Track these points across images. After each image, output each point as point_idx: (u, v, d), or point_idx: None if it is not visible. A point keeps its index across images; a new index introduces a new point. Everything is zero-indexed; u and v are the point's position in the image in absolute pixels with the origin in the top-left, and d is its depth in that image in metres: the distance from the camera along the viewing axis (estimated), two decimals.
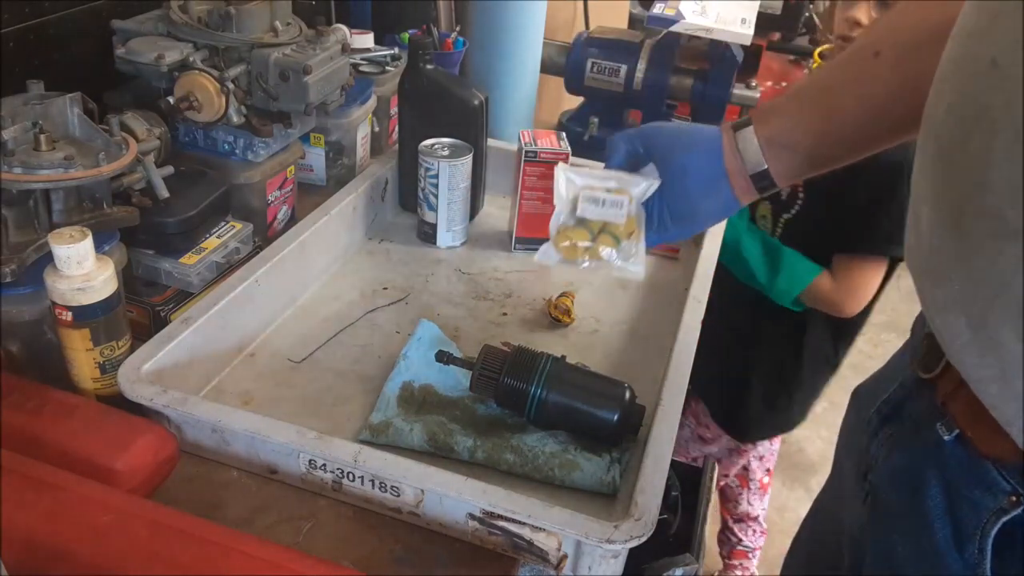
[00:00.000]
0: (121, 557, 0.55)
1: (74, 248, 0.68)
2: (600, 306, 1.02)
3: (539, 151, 1.04)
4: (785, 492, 2.16)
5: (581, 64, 1.47)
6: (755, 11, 1.43)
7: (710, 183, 0.72)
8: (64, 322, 0.71)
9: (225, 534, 0.58)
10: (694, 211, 0.73)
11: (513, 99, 1.40)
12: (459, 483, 0.65)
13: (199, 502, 0.70)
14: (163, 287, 0.91)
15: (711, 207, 0.73)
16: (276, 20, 0.99)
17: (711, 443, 1.59)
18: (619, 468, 0.74)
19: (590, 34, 1.50)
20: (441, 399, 0.81)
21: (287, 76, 0.95)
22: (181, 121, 0.98)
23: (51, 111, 0.79)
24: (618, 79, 1.44)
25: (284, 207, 1.10)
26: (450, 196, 1.07)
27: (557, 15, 2.01)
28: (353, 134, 1.21)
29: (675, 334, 0.87)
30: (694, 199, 0.72)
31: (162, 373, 0.75)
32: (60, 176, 0.75)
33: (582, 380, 0.79)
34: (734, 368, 1.42)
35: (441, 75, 1.10)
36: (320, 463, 0.70)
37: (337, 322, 0.94)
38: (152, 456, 0.66)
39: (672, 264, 1.12)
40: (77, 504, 0.58)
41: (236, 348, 0.87)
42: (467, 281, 1.05)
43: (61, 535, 0.56)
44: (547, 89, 1.62)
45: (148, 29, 0.96)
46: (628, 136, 0.75)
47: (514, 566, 0.67)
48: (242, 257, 0.96)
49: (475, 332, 0.95)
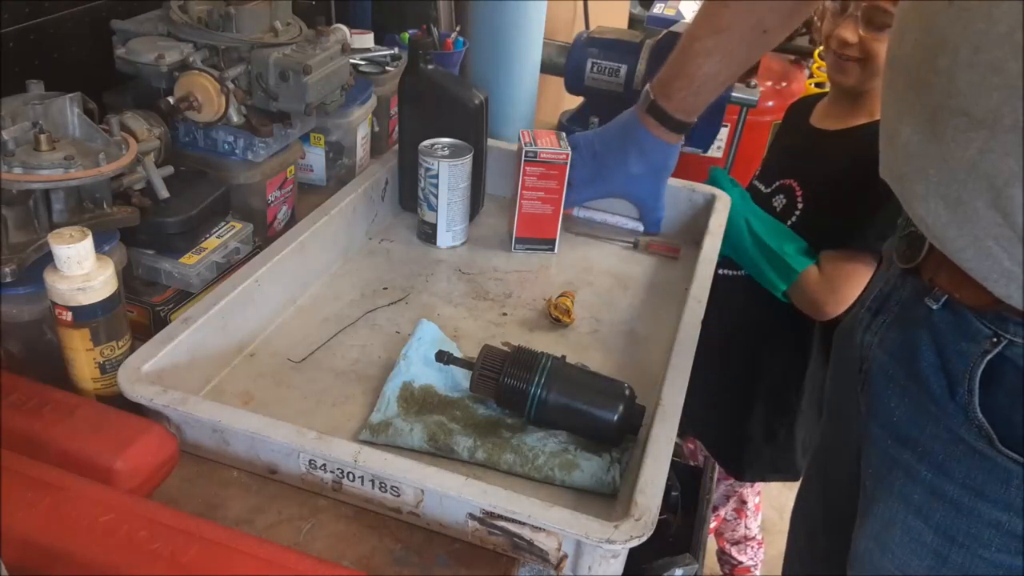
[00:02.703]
0: (121, 557, 0.55)
1: (74, 248, 0.68)
2: (600, 306, 1.02)
3: (539, 151, 1.04)
4: (786, 492, 2.16)
5: (581, 64, 1.46)
6: None
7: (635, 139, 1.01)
8: (64, 322, 0.71)
9: (225, 534, 0.58)
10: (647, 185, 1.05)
11: (513, 99, 1.40)
12: (459, 483, 0.65)
13: (199, 502, 0.70)
14: (163, 287, 0.91)
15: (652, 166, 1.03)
16: (276, 20, 0.99)
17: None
18: (619, 468, 0.74)
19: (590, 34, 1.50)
20: (441, 399, 0.81)
21: (287, 76, 0.95)
22: (181, 121, 0.98)
23: (51, 111, 0.79)
24: (618, 79, 1.44)
25: (284, 207, 1.10)
26: (450, 196, 1.07)
27: (557, 15, 2.01)
28: (353, 134, 1.21)
29: (675, 334, 0.87)
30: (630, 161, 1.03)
31: (162, 373, 0.75)
32: (60, 176, 0.75)
33: (582, 380, 0.79)
34: (733, 402, 1.39)
35: (441, 75, 1.10)
36: (320, 463, 0.70)
37: (337, 322, 0.94)
38: (152, 456, 0.66)
39: (672, 264, 1.12)
40: (77, 504, 0.58)
41: (236, 348, 0.87)
42: (467, 281, 1.05)
43: (61, 535, 0.56)
44: (547, 89, 1.62)
45: (148, 29, 0.96)
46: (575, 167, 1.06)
47: (514, 566, 0.67)
48: (242, 257, 0.96)
49: (475, 332, 0.95)
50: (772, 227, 1.22)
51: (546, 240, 1.11)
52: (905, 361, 0.73)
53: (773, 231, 1.21)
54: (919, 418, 0.71)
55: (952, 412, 0.68)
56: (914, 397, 0.72)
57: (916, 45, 0.61)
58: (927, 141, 0.61)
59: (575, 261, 1.11)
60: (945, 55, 0.57)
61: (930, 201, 0.62)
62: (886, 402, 0.75)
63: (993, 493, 0.67)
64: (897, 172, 0.66)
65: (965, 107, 0.56)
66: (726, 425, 1.43)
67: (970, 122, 0.56)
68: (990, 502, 0.67)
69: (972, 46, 0.55)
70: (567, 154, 1.05)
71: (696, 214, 1.18)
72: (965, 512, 0.69)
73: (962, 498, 0.69)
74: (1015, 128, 0.53)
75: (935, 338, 0.69)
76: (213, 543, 0.57)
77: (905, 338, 0.73)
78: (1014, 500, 0.66)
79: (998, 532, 0.67)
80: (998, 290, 0.61)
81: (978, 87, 0.55)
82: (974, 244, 0.60)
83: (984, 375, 0.65)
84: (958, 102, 0.57)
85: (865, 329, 0.79)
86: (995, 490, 0.66)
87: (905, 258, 0.74)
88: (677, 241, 1.15)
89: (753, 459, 1.42)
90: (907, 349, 0.72)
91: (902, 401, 0.73)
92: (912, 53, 0.62)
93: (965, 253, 0.61)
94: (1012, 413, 0.64)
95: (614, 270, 1.10)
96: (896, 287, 0.77)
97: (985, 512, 0.68)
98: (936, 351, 0.69)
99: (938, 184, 0.60)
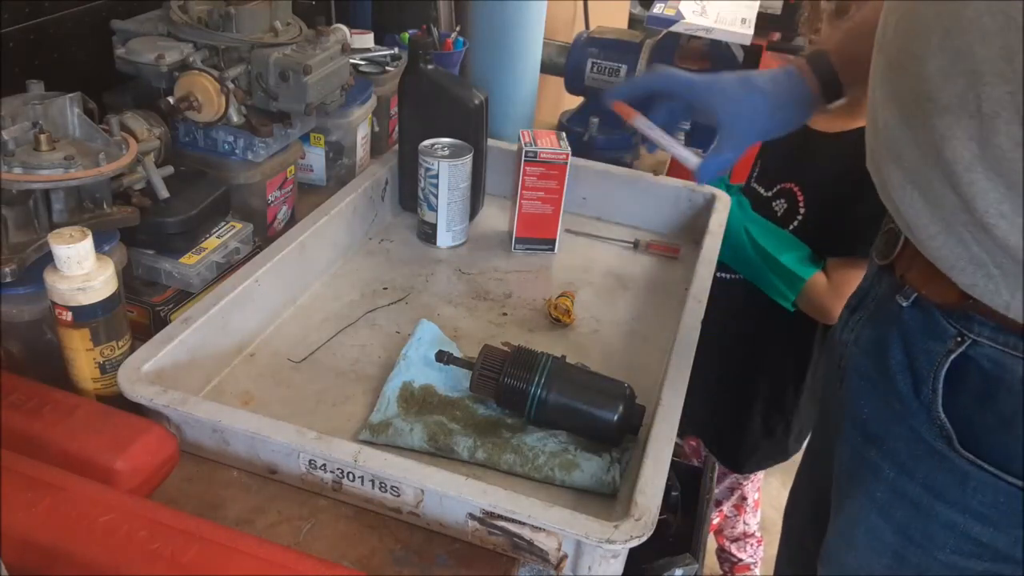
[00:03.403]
0: (121, 557, 0.55)
1: (74, 248, 0.68)
2: (600, 306, 1.02)
3: (539, 151, 1.04)
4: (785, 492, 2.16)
5: (581, 64, 1.47)
6: (755, 11, 1.43)
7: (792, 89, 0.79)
8: (64, 322, 0.71)
9: (225, 534, 0.58)
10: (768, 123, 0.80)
11: (513, 99, 1.40)
12: (459, 483, 0.65)
13: (199, 502, 0.70)
14: (163, 287, 0.91)
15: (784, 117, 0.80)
16: (276, 20, 0.99)
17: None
18: (619, 468, 0.74)
19: (590, 34, 1.50)
20: (441, 399, 0.81)
21: (287, 76, 0.95)
22: (181, 121, 0.98)
23: (51, 111, 0.79)
24: (618, 79, 1.44)
25: (284, 207, 1.10)
26: (450, 196, 1.07)
27: (557, 15, 2.01)
28: (353, 134, 1.21)
29: (675, 334, 0.87)
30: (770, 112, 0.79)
31: (162, 373, 0.75)
32: (60, 176, 0.75)
33: (582, 380, 0.79)
34: (732, 400, 1.40)
35: (441, 75, 1.10)
36: (320, 463, 0.70)
37: (337, 322, 0.94)
38: (152, 456, 0.66)
39: (672, 264, 1.12)
40: (77, 504, 0.58)
41: (236, 348, 0.87)
42: (467, 281, 1.05)
43: (61, 535, 0.56)
44: (547, 89, 1.62)
45: (148, 29, 0.96)
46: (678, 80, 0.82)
47: (514, 566, 0.67)
48: (242, 257, 0.96)
49: (475, 332, 0.95)
50: (773, 235, 1.22)
51: (546, 240, 1.11)
52: (876, 359, 0.72)
53: (774, 239, 1.21)
54: (886, 417, 0.71)
55: (916, 411, 0.67)
56: (882, 395, 0.71)
57: (896, 29, 0.61)
58: (902, 126, 0.61)
59: (575, 261, 1.11)
60: (917, 39, 0.58)
61: (905, 187, 0.62)
62: (857, 400, 0.75)
63: (950, 495, 0.66)
64: (877, 157, 0.67)
65: (933, 92, 0.56)
66: (725, 422, 1.44)
67: (936, 107, 0.56)
68: (947, 503, 0.67)
69: (943, 31, 0.55)
70: (567, 154, 1.05)
71: (696, 214, 1.18)
72: (924, 512, 0.68)
73: (921, 498, 0.68)
74: (978, 114, 0.54)
75: (904, 336, 0.69)
76: (213, 543, 0.57)
77: (878, 335, 0.73)
78: (970, 503, 0.65)
79: (953, 534, 0.67)
80: (963, 279, 0.60)
81: (946, 72, 0.55)
82: (946, 230, 0.60)
83: (948, 375, 0.65)
84: (927, 87, 0.57)
85: (844, 326, 0.80)
86: (952, 492, 0.66)
87: (882, 254, 0.74)
88: (677, 241, 1.15)
89: (750, 453, 1.44)
90: (879, 347, 0.72)
91: (871, 399, 0.73)
92: (892, 38, 0.62)
93: (936, 240, 0.61)
94: (973, 414, 0.64)
95: (614, 270, 1.10)
96: (873, 284, 0.77)
97: (942, 513, 0.67)
98: (904, 349, 0.69)
99: (910, 169, 0.61)
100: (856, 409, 0.75)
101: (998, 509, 0.64)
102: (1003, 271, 0.58)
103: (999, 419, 0.63)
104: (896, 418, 0.70)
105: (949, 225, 0.59)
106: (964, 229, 0.58)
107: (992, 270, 0.58)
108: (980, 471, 0.64)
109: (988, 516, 0.65)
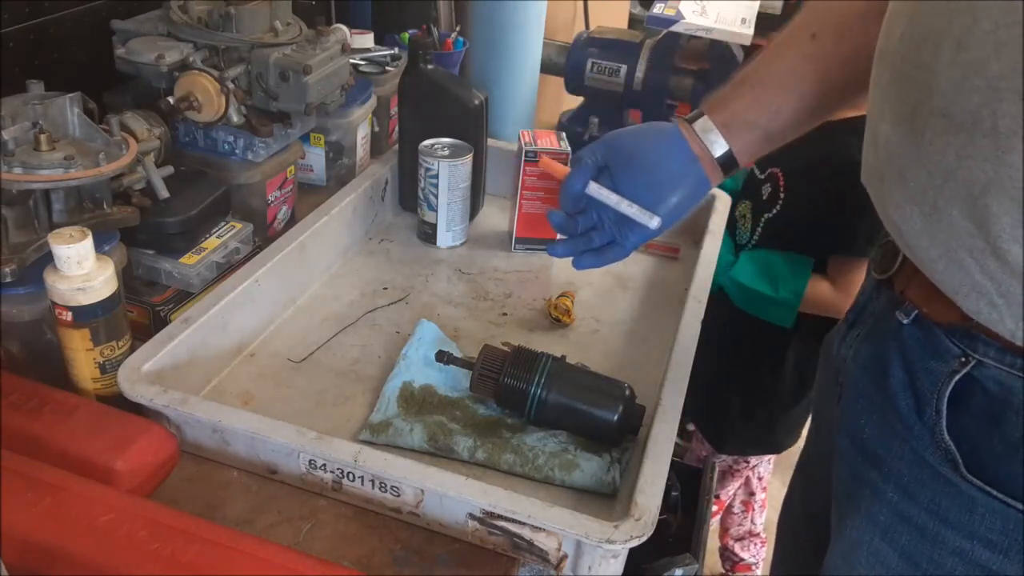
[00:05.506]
0: (121, 557, 0.55)
1: (74, 248, 0.68)
2: (600, 306, 1.02)
3: (539, 151, 1.04)
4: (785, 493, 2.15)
5: (581, 64, 1.47)
6: (755, 11, 1.43)
7: (682, 169, 0.76)
8: (64, 322, 0.71)
9: (225, 534, 0.58)
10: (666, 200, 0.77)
11: (513, 99, 1.40)
12: (459, 483, 0.65)
13: (199, 502, 0.70)
14: (163, 287, 0.91)
15: (685, 192, 0.77)
16: (276, 20, 0.99)
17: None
18: (619, 468, 0.74)
19: (590, 34, 1.50)
20: (441, 399, 0.81)
21: (287, 76, 0.95)
22: (181, 121, 0.98)
23: (51, 111, 0.79)
24: (618, 79, 1.45)
25: (284, 207, 1.10)
26: (450, 196, 1.07)
27: (557, 15, 2.01)
28: (353, 134, 1.21)
29: (675, 334, 0.87)
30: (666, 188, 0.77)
31: (162, 373, 0.75)
32: (60, 176, 0.75)
33: (582, 380, 0.79)
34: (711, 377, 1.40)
35: (441, 75, 1.10)
36: (320, 463, 0.70)
37: (337, 322, 0.94)
38: (152, 456, 0.66)
39: (672, 264, 1.12)
40: (77, 504, 0.58)
41: (236, 348, 0.87)
42: (467, 281, 1.05)
43: (61, 535, 0.56)
44: (547, 89, 1.62)
45: (148, 29, 0.96)
46: (590, 149, 0.79)
47: (514, 566, 0.67)
48: (242, 257, 0.96)
49: (475, 332, 0.95)
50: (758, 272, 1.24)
51: (546, 240, 1.11)
52: (875, 377, 0.69)
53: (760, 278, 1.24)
54: (887, 437, 0.68)
55: (919, 433, 0.65)
56: (883, 415, 0.68)
57: (902, 38, 0.58)
58: (906, 142, 0.57)
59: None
60: (928, 50, 0.54)
61: (905, 207, 0.59)
62: (856, 418, 0.72)
63: (957, 521, 0.63)
64: (875, 174, 0.63)
65: (945, 107, 0.53)
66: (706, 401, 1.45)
67: (949, 124, 0.53)
68: (954, 529, 0.64)
69: (955, 42, 0.52)
70: (567, 154, 1.05)
71: (696, 214, 1.17)
72: (930, 538, 0.66)
73: (927, 523, 0.65)
74: (993, 133, 0.50)
75: (904, 354, 0.66)
76: (213, 543, 0.57)
77: (876, 352, 0.70)
78: (978, 529, 0.62)
79: (961, 561, 0.64)
80: (967, 305, 0.57)
81: (959, 87, 0.52)
82: (946, 255, 0.57)
83: (952, 396, 0.62)
84: (938, 102, 0.53)
85: (841, 341, 0.77)
86: (959, 517, 0.63)
87: (880, 268, 0.72)
88: (677, 241, 1.15)
89: (729, 434, 1.50)
90: (878, 364, 0.69)
91: (871, 418, 0.70)
92: (897, 47, 0.58)
93: (936, 264, 0.58)
94: (978, 438, 0.61)
95: (614, 270, 1.10)
96: (871, 299, 0.74)
97: (950, 539, 0.64)
98: (905, 368, 0.66)
99: (914, 189, 0.57)
100: (855, 427, 0.72)
101: (1008, 536, 0.61)
102: (1008, 300, 0.55)
103: (1006, 444, 0.60)
104: (898, 439, 0.67)
105: (950, 249, 0.56)
106: (967, 255, 0.55)
107: (996, 299, 0.55)
108: (988, 497, 0.61)
109: (997, 543, 0.62)
